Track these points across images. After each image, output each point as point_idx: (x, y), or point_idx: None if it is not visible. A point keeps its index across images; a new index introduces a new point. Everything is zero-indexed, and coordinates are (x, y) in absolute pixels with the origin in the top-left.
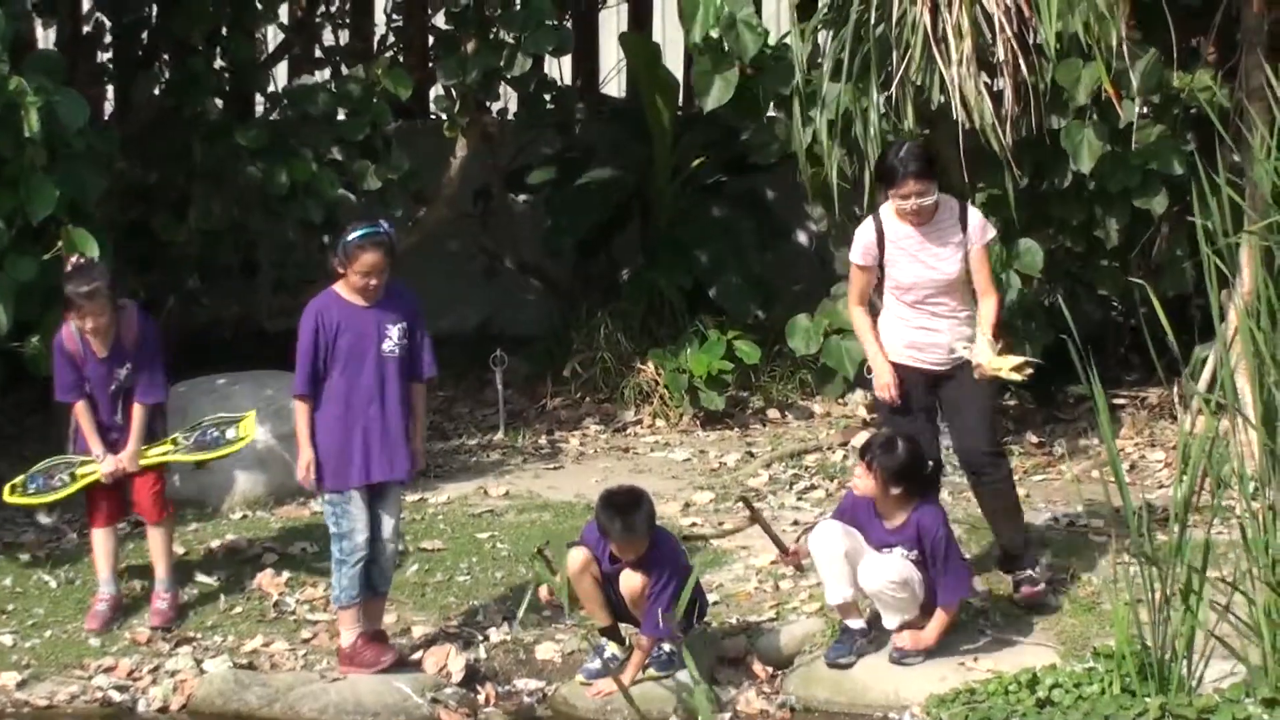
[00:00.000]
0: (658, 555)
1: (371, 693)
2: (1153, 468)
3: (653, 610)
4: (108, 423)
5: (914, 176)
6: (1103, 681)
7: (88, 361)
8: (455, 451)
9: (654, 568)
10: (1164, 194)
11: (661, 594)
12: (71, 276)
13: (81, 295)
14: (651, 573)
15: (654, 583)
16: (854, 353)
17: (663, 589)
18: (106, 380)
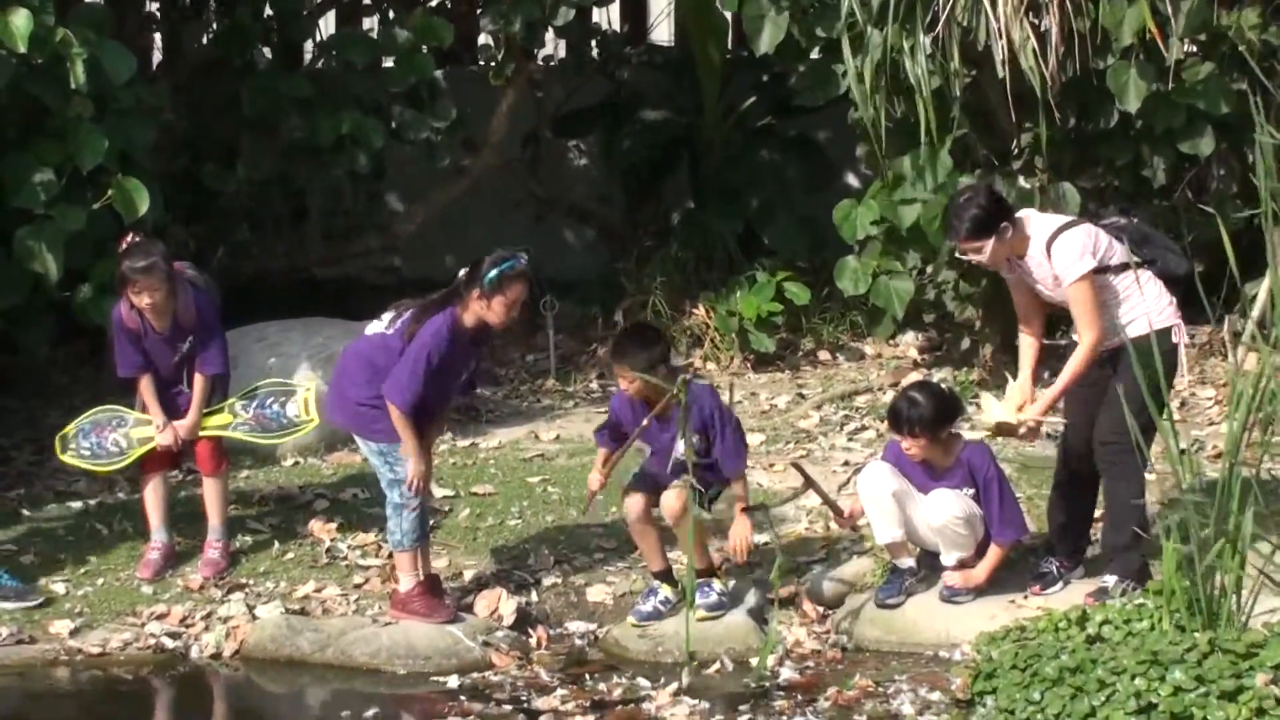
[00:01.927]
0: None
1: (423, 636)
2: (1203, 405)
3: (727, 459)
4: (173, 386)
5: (960, 237)
6: (1152, 617)
7: (147, 336)
8: (507, 396)
9: (702, 427)
10: (1210, 134)
11: (724, 443)
12: (128, 253)
13: (138, 270)
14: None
15: (715, 440)
16: (902, 293)
17: (721, 438)
18: (169, 354)
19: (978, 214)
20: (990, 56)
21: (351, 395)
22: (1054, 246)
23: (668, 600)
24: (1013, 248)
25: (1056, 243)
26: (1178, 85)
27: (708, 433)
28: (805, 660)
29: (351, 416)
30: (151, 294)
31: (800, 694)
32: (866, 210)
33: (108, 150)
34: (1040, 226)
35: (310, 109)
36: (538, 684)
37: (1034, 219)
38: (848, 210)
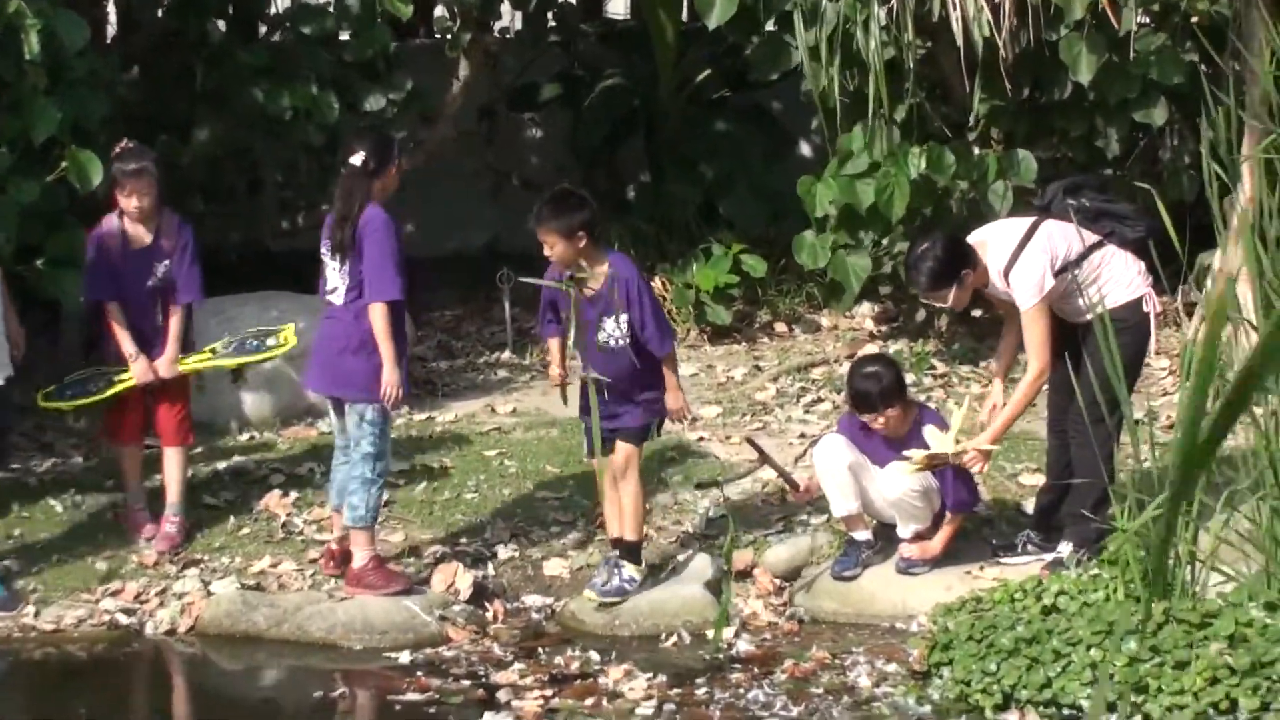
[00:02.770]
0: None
1: (380, 611)
2: (1156, 375)
3: (654, 340)
4: (143, 326)
5: (921, 290)
6: (1108, 588)
7: (126, 255)
8: (463, 370)
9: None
10: (1163, 104)
11: (650, 322)
12: (121, 156)
13: (129, 173)
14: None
15: (640, 321)
16: (859, 269)
17: (645, 318)
18: (144, 274)
19: (934, 266)
20: (945, 28)
21: (339, 359)
22: (1011, 277)
23: (633, 580)
24: (975, 282)
25: (1013, 273)
26: (1131, 56)
27: (631, 312)
28: (761, 633)
29: (344, 378)
30: (140, 198)
31: (756, 666)
32: (826, 188)
33: (61, 122)
34: (996, 255)
35: (265, 81)
36: (494, 658)
37: (991, 247)
38: (809, 185)
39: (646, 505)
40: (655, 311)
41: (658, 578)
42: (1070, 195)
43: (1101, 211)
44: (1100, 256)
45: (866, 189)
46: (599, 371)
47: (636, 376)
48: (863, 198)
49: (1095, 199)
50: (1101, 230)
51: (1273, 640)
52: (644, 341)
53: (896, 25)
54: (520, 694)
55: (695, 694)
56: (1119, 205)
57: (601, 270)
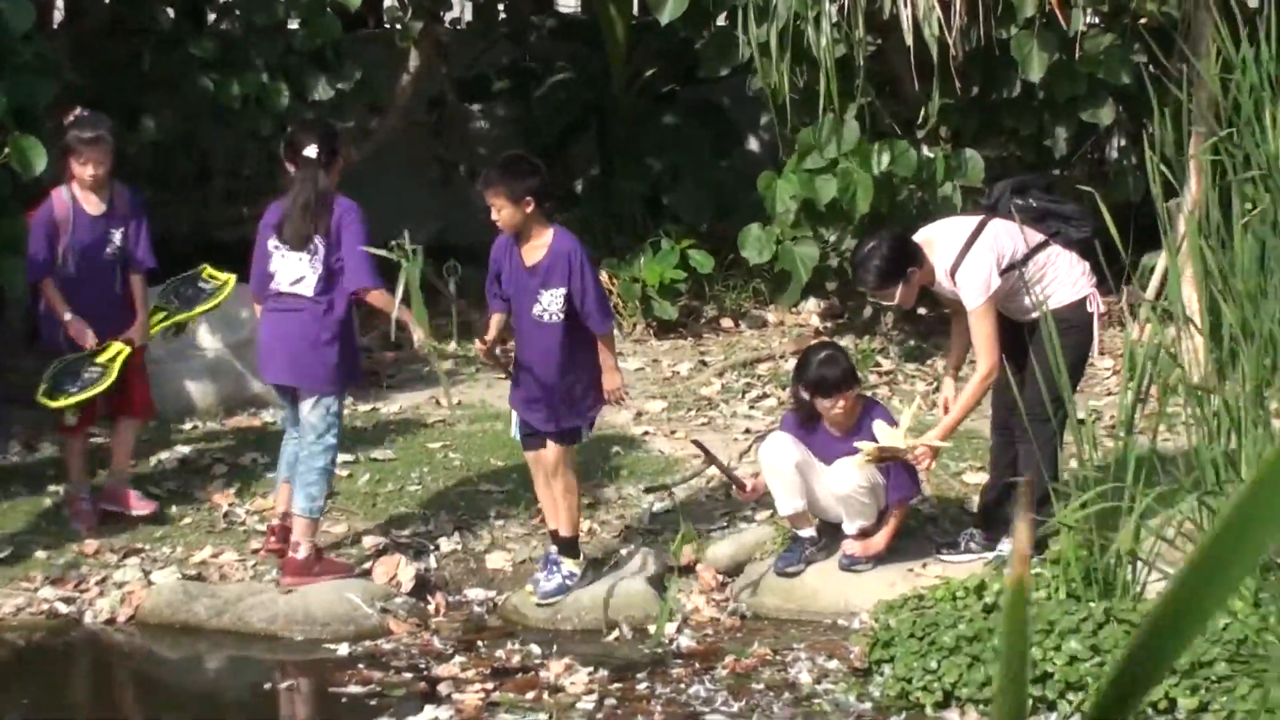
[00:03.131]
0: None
1: (321, 603)
2: (1100, 375)
3: (593, 317)
4: (104, 297)
5: (868, 288)
6: (1049, 587)
7: (79, 226)
8: (408, 361)
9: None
10: (1111, 104)
11: (589, 299)
12: (77, 124)
13: (86, 140)
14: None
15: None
16: (808, 260)
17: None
18: (102, 243)
19: (881, 264)
20: (895, 25)
21: (310, 351)
22: (957, 276)
23: (574, 575)
24: (921, 281)
25: (960, 272)
26: (1080, 56)
27: (572, 282)
28: (704, 628)
29: (313, 370)
30: (97, 166)
31: (698, 661)
32: (786, 184)
33: (5, 107)
34: (943, 254)
35: (214, 70)
36: (436, 651)
37: (937, 245)
38: (769, 181)
39: (586, 499)
40: (597, 286)
41: (600, 572)
42: (1017, 195)
43: (1048, 211)
44: (1046, 256)
45: (827, 185)
46: (525, 347)
47: (562, 360)
48: (823, 193)
49: (1042, 199)
50: (1047, 230)
51: (1211, 640)
52: (584, 316)
53: (847, 22)
54: (461, 687)
55: (636, 688)
56: (1065, 205)
57: (544, 241)
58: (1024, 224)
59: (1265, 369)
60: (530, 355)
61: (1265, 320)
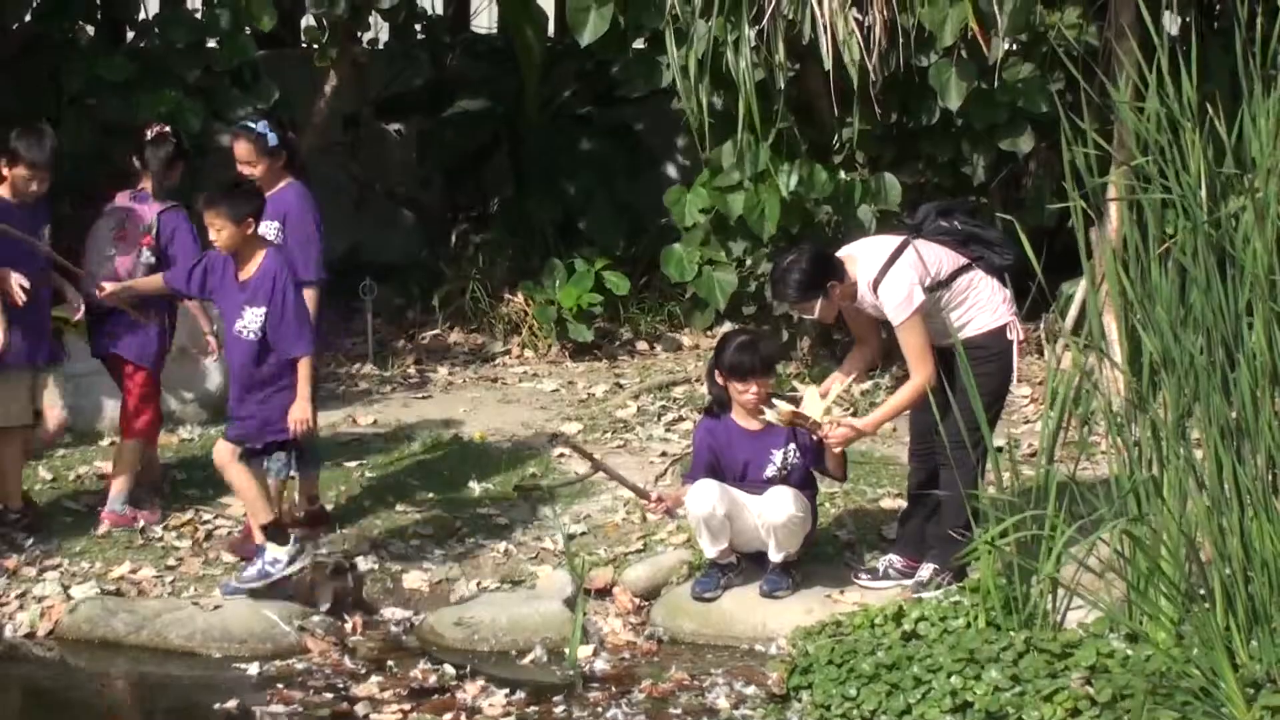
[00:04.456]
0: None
1: (239, 620)
2: (1019, 403)
3: (284, 339)
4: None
5: (788, 301)
6: (968, 615)
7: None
8: (323, 380)
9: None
10: (1030, 132)
11: (284, 319)
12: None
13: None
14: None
15: (273, 309)
16: (724, 284)
17: (282, 314)
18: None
19: (800, 278)
20: (814, 50)
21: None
22: (880, 290)
23: (277, 561)
24: (843, 295)
25: (883, 285)
26: (999, 84)
27: (272, 303)
28: (620, 651)
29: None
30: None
31: (614, 685)
32: (696, 197)
33: None
34: (866, 268)
35: (130, 88)
36: (353, 671)
37: (860, 260)
38: (678, 195)
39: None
40: (296, 314)
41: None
42: (942, 217)
43: (972, 236)
44: (968, 280)
45: (736, 200)
46: (229, 356)
47: (258, 377)
48: (733, 208)
49: (967, 223)
50: (971, 254)
51: (1134, 671)
52: (274, 340)
53: (767, 47)
54: (378, 708)
55: (553, 712)
56: (989, 231)
57: (257, 261)
58: (947, 246)
59: (1186, 398)
60: (232, 366)
61: (1186, 349)
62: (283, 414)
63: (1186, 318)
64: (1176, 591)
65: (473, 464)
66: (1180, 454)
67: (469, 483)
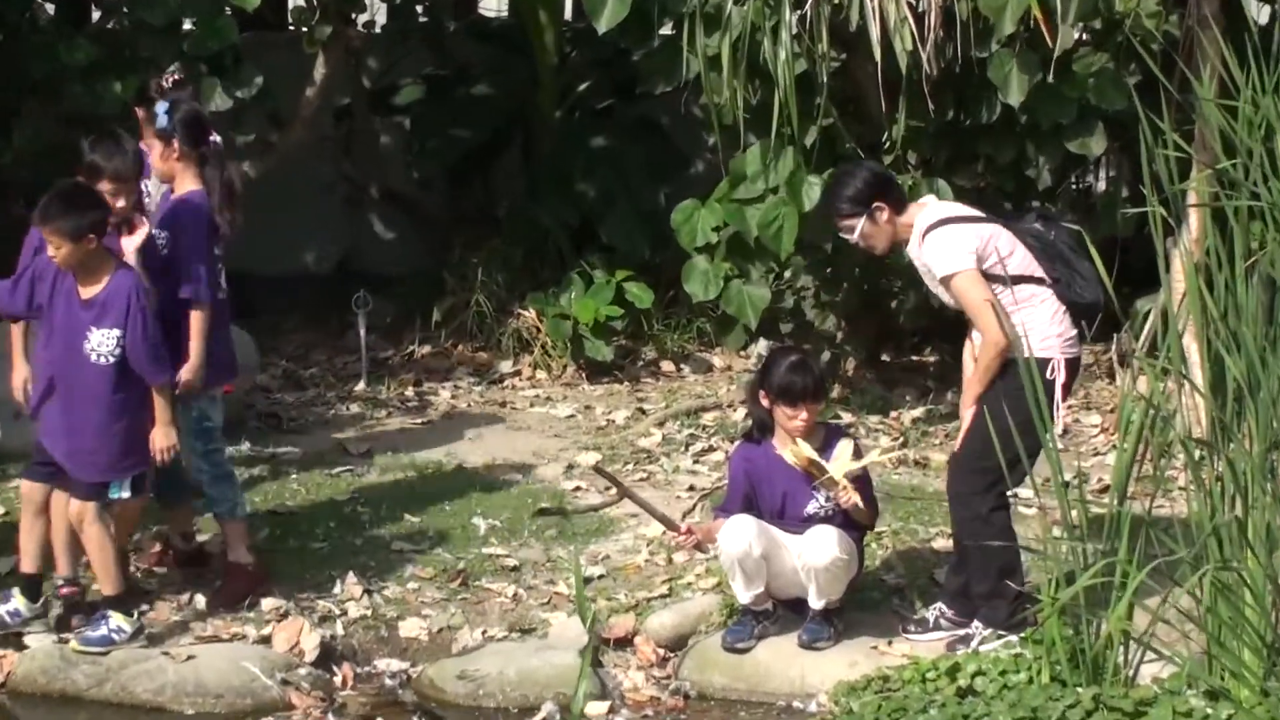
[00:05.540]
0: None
1: (214, 672)
2: (1088, 433)
3: (142, 355)
4: None
5: (833, 213)
6: (1030, 669)
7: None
8: (311, 403)
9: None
10: (1101, 132)
11: (139, 334)
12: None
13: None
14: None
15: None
16: (756, 299)
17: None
18: None
19: (849, 190)
20: (862, 39)
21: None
22: (929, 237)
23: (122, 630)
24: (896, 234)
25: (932, 234)
26: (1067, 77)
27: (130, 323)
28: (642, 708)
29: None
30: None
31: None
32: (710, 213)
33: None
34: (929, 215)
35: (96, 74)
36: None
37: (929, 209)
38: (689, 212)
39: (512, 561)
40: (156, 336)
41: (527, 643)
42: (1041, 221)
43: (1061, 255)
44: (1031, 292)
45: (755, 216)
46: (70, 385)
47: (112, 406)
48: (752, 225)
49: (1062, 240)
50: (1052, 271)
51: None
52: (134, 362)
53: (809, 35)
54: None
55: None
56: (1083, 262)
57: (105, 277)
58: (1031, 251)
59: (1274, 429)
60: (77, 395)
61: (1275, 373)
62: (139, 444)
63: (1276, 338)
64: (1262, 644)
65: (478, 498)
66: (1267, 491)
67: (474, 519)
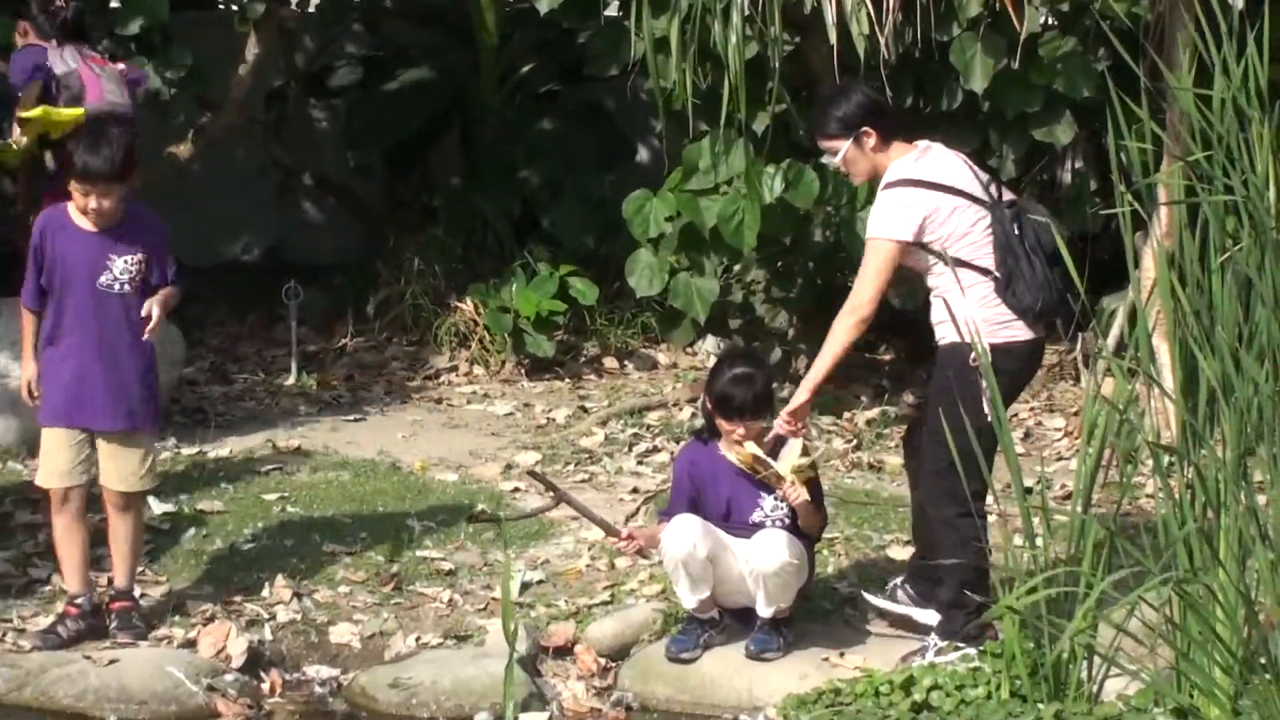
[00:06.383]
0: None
1: (137, 677)
2: (1051, 436)
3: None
4: None
5: (817, 131)
6: (989, 684)
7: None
8: (239, 397)
9: None
10: (1069, 120)
11: None
12: None
13: None
14: None
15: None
16: (705, 292)
17: None
18: None
19: (838, 111)
20: (817, 21)
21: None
22: (883, 192)
23: None
24: (876, 167)
25: (888, 191)
26: (1034, 63)
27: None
28: (583, 719)
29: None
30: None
31: None
32: (662, 204)
33: None
34: (901, 168)
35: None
36: None
37: (913, 157)
38: (640, 203)
39: (447, 565)
40: None
41: (462, 650)
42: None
43: (1013, 251)
44: (968, 277)
45: (710, 209)
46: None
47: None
48: (708, 217)
49: (1029, 238)
50: (999, 266)
51: None
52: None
53: (762, 16)
54: None
55: None
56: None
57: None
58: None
59: (1248, 435)
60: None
61: (1249, 376)
62: None
63: (1250, 339)
64: (1233, 660)
65: (412, 499)
66: (1240, 499)
67: (408, 520)
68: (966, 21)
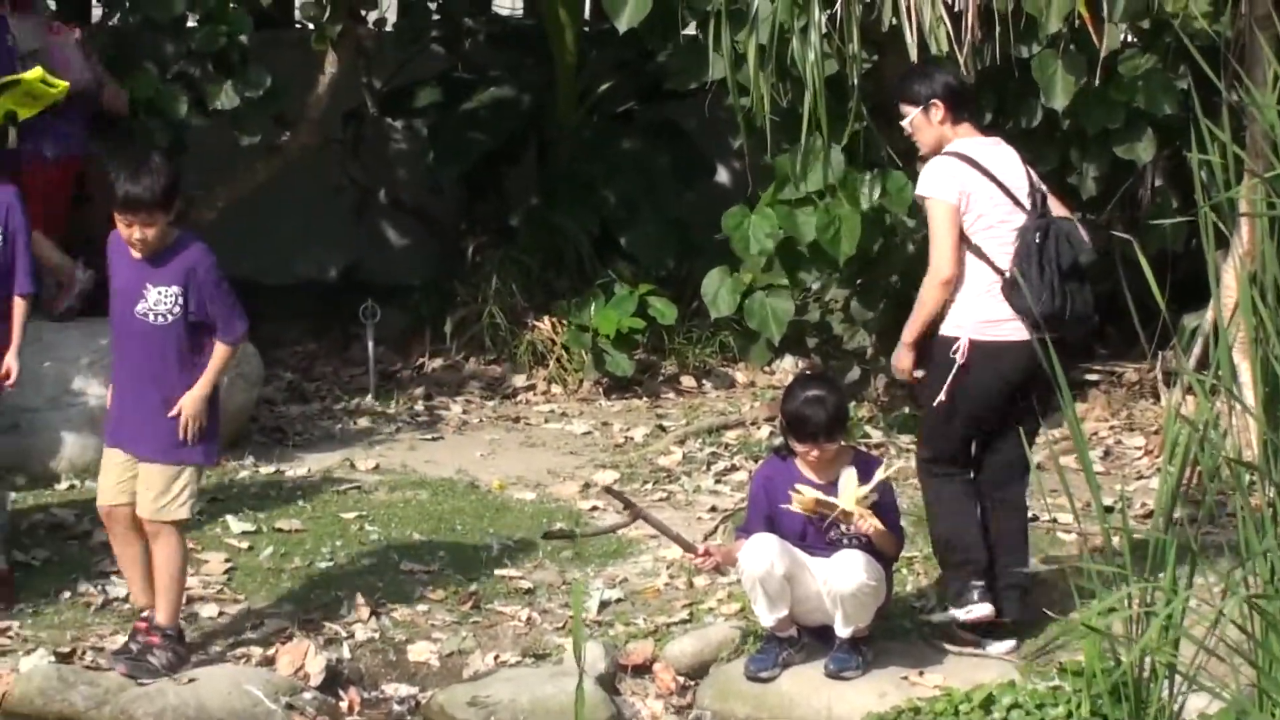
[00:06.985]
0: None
1: (216, 696)
2: (1130, 455)
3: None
4: None
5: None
6: (1069, 703)
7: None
8: (317, 417)
9: None
10: (1150, 137)
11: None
12: None
13: None
14: None
15: None
16: (780, 312)
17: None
18: None
19: (916, 82)
20: (896, 39)
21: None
22: (932, 159)
23: None
24: (940, 141)
25: (936, 158)
26: (1114, 80)
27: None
28: None
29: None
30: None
31: None
32: (762, 220)
33: None
34: (961, 145)
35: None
36: None
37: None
38: (739, 219)
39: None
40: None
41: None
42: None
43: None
44: (979, 267)
45: (808, 221)
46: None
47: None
48: (805, 231)
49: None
50: (1011, 261)
51: None
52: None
53: (840, 34)
54: None
55: None
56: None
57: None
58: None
59: None
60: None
61: None
62: None
63: None
64: None
65: (490, 517)
66: None
67: (486, 539)
68: (1046, 39)
